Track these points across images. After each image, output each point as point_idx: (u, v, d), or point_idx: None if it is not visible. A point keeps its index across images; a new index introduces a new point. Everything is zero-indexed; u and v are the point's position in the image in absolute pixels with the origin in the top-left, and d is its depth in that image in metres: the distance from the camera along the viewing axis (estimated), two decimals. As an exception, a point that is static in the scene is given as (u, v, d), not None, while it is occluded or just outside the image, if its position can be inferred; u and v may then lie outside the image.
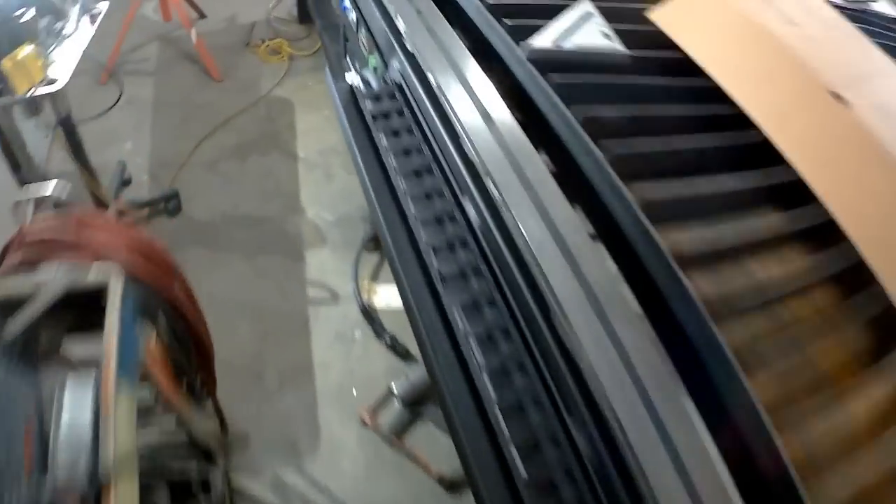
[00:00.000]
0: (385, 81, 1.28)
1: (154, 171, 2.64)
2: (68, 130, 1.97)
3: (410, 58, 1.13)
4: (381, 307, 2.23)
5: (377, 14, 1.29)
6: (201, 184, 2.60)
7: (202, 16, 3.51)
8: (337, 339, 2.17)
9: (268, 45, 3.31)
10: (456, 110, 0.95)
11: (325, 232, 2.46)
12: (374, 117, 1.20)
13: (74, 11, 2.04)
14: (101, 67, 3.05)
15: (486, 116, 0.92)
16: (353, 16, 1.63)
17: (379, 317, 2.19)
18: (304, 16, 3.46)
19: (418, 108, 1.13)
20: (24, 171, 1.93)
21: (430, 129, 1.09)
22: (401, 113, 1.20)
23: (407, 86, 1.17)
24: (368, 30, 1.42)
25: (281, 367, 2.10)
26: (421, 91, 1.09)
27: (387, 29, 1.24)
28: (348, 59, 1.87)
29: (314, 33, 3.26)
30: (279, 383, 2.07)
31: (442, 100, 0.99)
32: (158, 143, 2.78)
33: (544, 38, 0.95)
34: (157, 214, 2.46)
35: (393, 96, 1.24)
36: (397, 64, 1.21)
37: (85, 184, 2.08)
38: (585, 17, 0.99)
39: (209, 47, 3.15)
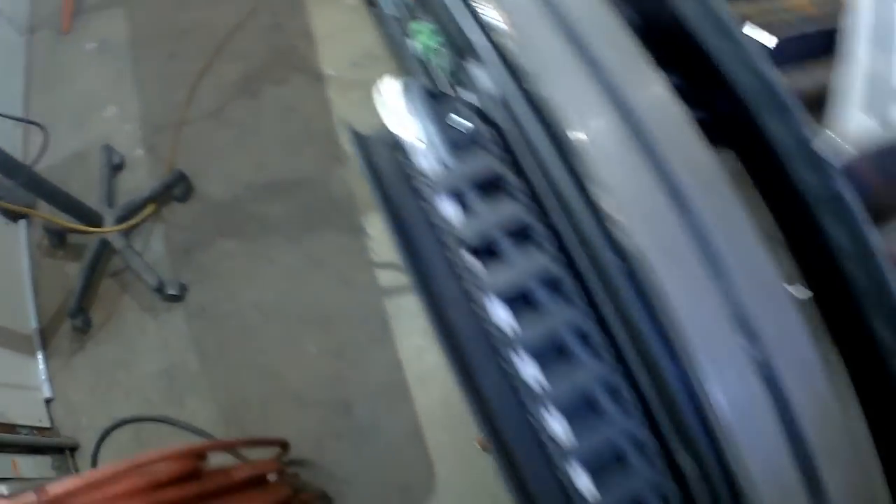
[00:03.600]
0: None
1: (149, 141, 1.98)
2: None
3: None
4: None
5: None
6: (210, 144, 1.92)
7: None
8: (428, 338, 1.54)
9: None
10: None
11: (384, 184, 1.73)
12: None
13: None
14: (59, 10, 2.33)
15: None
16: None
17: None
18: None
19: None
20: None
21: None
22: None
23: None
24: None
25: (369, 390, 1.53)
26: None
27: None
28: None
29: None
30: (371, 414, 1.51)
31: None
32: (147, 98, 2.08)
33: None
34: (166, 203, 1.84)
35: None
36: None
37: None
38: None
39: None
